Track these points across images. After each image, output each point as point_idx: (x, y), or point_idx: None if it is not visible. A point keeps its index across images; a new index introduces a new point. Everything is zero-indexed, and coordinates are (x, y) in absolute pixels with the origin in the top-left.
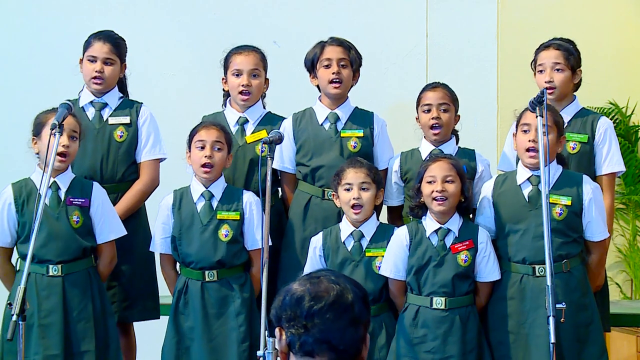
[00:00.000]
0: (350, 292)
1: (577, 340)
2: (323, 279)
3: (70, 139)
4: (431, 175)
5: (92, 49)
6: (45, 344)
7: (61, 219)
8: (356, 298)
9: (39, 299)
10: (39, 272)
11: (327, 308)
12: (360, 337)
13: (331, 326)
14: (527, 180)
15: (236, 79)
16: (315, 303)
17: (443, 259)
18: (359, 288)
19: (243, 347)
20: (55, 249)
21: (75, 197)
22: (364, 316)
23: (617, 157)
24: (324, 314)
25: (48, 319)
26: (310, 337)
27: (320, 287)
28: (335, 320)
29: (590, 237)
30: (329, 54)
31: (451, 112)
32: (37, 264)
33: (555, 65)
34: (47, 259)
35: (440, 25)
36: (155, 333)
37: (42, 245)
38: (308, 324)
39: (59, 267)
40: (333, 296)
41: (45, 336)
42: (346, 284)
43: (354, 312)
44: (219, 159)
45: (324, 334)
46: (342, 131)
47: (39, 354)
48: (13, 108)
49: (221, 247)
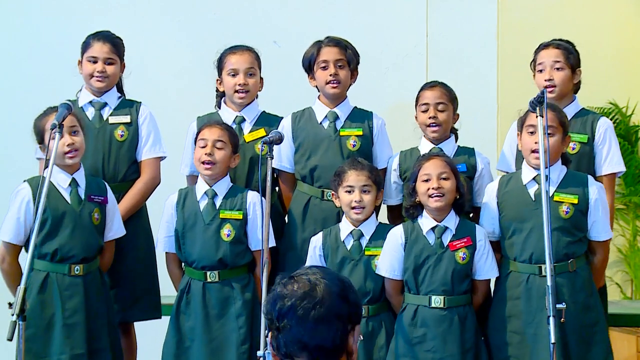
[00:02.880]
0: (323, 288)
1: (584, 340)
2: (300, 277)
3: (71, 134)
4: (426, 174)
5: (92, 50)
6: (71, 343)
7: (84, 216)
8: (329, 293)
9: (62, 298)
10: (59, 272)
11: (294, 307)
12: (337, 332)
13: (300, 325)
14: (533, 179)
15: (232, 78)
16: (283, 304)
17: (441, 257)
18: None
19: (243, 348)
20: (79, 247)
21: (95, 195)
22: (342, 310)
23: (617, 157)
24: (292, 313)
25: (72, 318)
26: (284, 338)
27: (292, 287)
28: (303, 319)
29: (596, 236)
30: (325, 56)
31: (449, 111)
32: (58, 262)
33: (555, 63)
34: (71, 256)
35: (440, 25)
36: (155, 333)
37: (66, 242)
38: (280, 325)
39: (80, 267)
40: (300, 294)
41: (70, 336)
42: (322, 280)
43: (324, 307)
44: (221, 157)
45: (294, 334)
46: (341, 130)
47: (65, 354)
48: (13, 108)
49: (223, 246)
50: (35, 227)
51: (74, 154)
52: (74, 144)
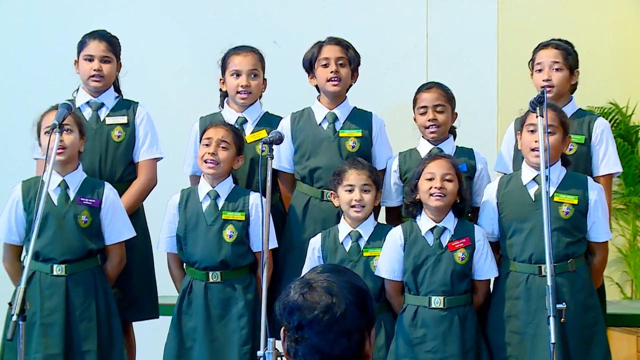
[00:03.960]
0: (343, 302)
1: (583, 341)
2: (317, 285)
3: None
4: (430, 172)
5: (88, 49)
6: (46, 342)
7: (68, 219)
8: (349, 306)
9: (42, 297)
10: (43, 271)
11: (316, 321)
12: (356, 343)
13: (321, 338)
14: (533, 180)
15: (235, 79)
16: (304, 316)
17: (440, 257)
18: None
19: (244, 349)
20: (60, 248)
21: (85, 197)
22: (361, 322)
23: (614, 158)
24: (314, 327)
25: (50, 318)
26: (302, 347)
27: (312, 298)
28: (324, 332)
29: (595, 237)
30: (326, 53)
31: (447, 112)
32: (41, 262)
33: (554, 64)
34: (51, 258)
35: (440, 25)
36: (155, 333)
37: (47, 243)
38: (299, 337)
39: (62, 267)
40: (322, 308)
41: (47, 335)
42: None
43: (344, 323)
44: (224, 157)
45: (315, 346)
46: (340, 131)
47: (40, 353)
48: (13, 108)
49: (225, 247)
50: (35, 228)
51: (61, 151)
52: (62, 141)
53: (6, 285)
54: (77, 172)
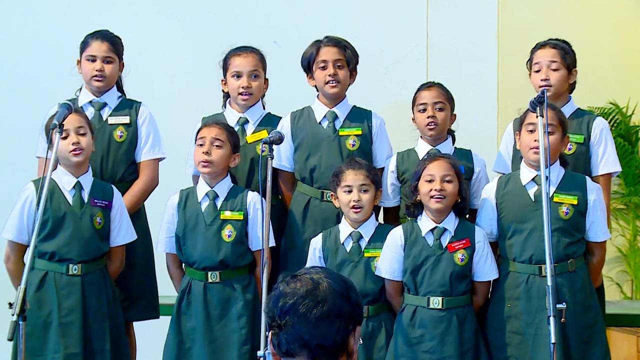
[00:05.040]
0: (326, 287)
1: (583, 340)
2: (302, 276)
3: (78, 135)
4: (430, 174)
5: (91, 49)
6: (66, 342)
7: (84, 220)
8: (332, 292)
9: (59, 297)
10: (58, 271)
11: (296, 305)
12: (338, 331)
13: (301, 322)
14: (532, 180)
15: (236, 80)
16: (286, 302)
17: (439, 258)
18: (343, 283)
19: (244, 349)
20: (77, 249)
21: (98, 199)
22: (343, 309)
23: (613, 157)
24: (294, 311)
25: (68, 317)
26: (285, 335)
27: (295, 285)
28: (304, 316)
29: (594, 237)
30: (324, 56)
31: (447, 111)
32: (56, 262)
33: (552, 63)
34: (69, 258)
35: (440, 25)
36: (155, 333)
37: (65, 243)
38: (281, 323)
39: (78, 267)
40: (303, 292)
41: (66, 335)
42: (326, 279)
43: (325, 306)
44: (218, 156)
45: (295, 331)
46: (340, 129)
47: (59, 352)
48: (13, 108)
49: (224, 247)
50: (35, 228)
51: (78, 152)
52: (79, 143)
53: (6, 285)
54: (88, 173)
